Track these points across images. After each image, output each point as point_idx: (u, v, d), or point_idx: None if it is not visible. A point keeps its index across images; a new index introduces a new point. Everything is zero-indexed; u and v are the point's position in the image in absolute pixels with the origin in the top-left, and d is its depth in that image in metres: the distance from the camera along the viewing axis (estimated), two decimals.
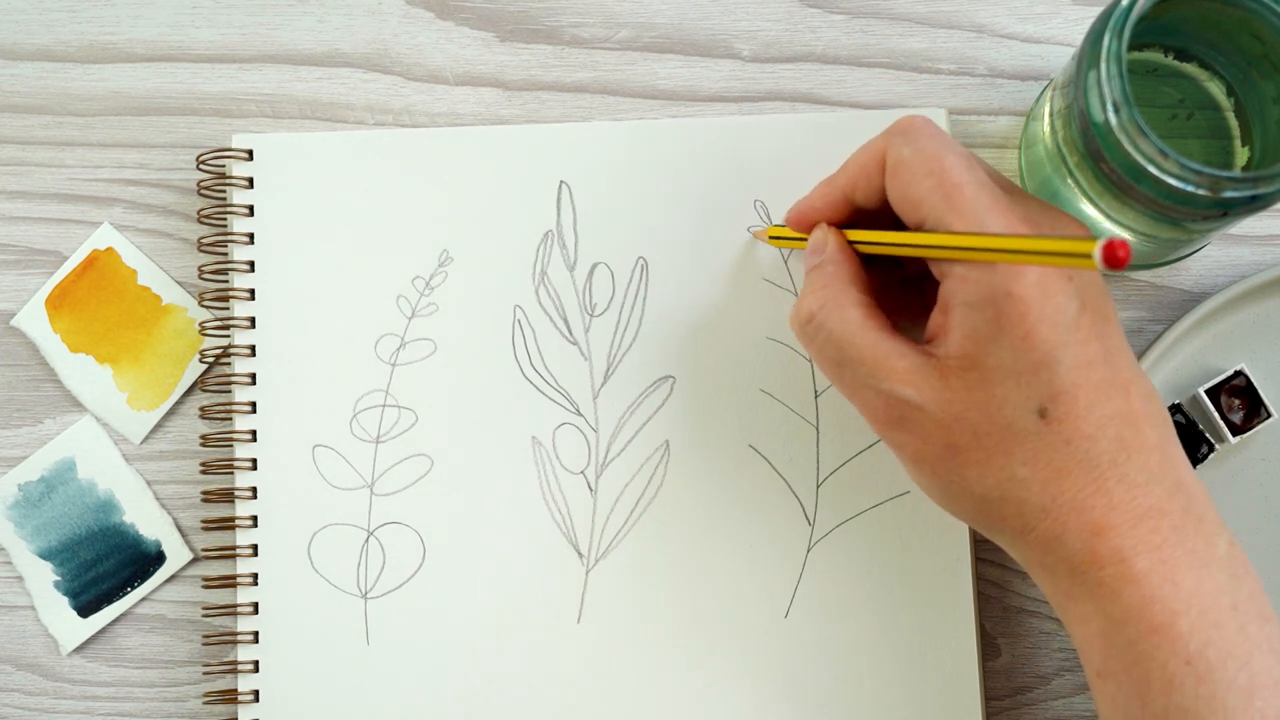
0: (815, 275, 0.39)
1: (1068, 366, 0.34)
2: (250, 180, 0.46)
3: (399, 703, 0.45)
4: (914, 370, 0.35)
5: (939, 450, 0.35)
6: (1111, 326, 0.35)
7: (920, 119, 0.37)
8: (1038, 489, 0.34)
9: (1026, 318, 0.33)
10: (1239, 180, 0.35)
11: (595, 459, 0.45)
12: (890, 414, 0.36)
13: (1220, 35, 0.40)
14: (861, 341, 0.36)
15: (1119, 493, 0.34)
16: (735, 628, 0.45)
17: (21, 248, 0.48)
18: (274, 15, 0.48)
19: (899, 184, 0.36)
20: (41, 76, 0.48)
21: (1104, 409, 0.34)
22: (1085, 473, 0.34)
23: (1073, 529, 0.34)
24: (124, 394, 0.47)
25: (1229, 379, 0.44)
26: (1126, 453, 0.34)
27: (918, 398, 0.35)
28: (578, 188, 0.46)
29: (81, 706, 0.47)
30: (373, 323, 0.46)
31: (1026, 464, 0.34)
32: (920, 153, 0.36)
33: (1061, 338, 0.34)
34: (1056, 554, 0.35)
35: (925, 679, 0.44)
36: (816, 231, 0.40)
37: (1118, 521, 0.34)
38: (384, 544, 0.45)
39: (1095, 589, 0.34)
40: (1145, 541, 0.34)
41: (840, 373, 0.37)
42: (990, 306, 0.34)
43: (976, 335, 0.34)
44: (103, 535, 0.47)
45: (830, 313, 0.37)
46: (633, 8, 0.48)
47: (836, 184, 0.39)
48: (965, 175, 0.35)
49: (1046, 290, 0.33)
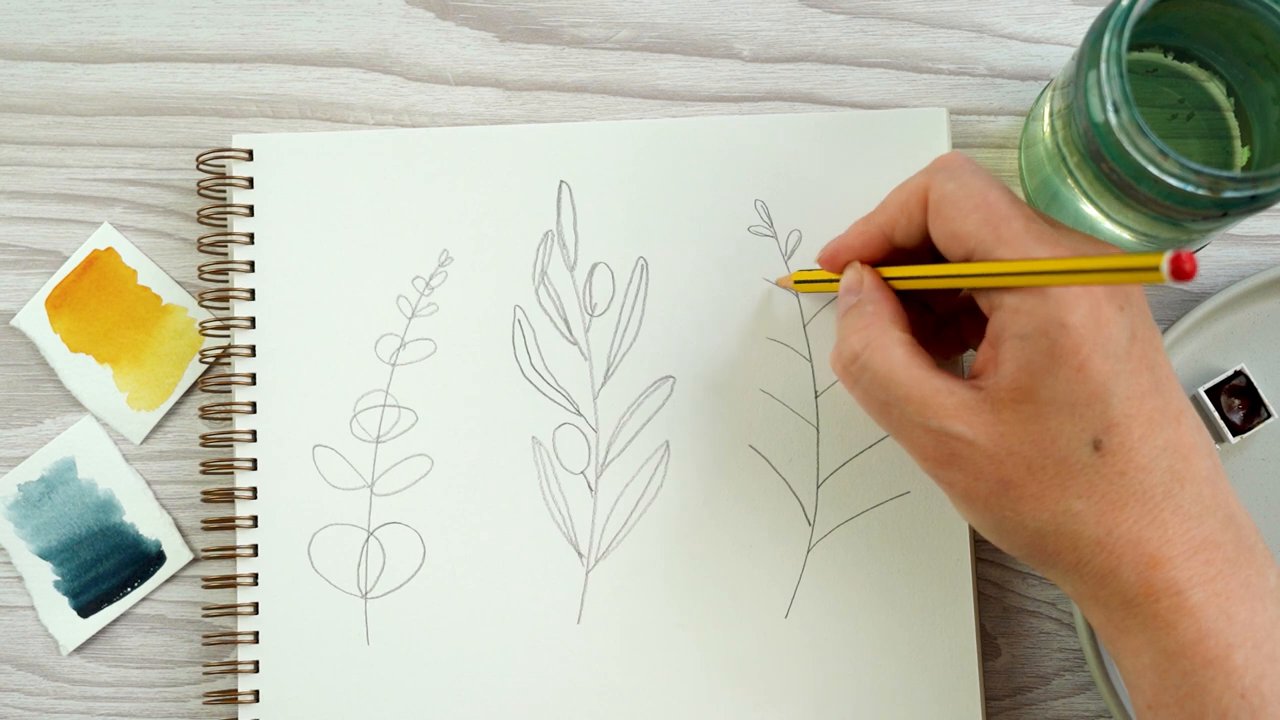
0: (854, 316, 0.38)
1: (1121, 398, 0.33)
2: (250, 180, 0.46)
3: (399, 703, 0.45)
4: (964, 406, 0.35)
5: (992, 486, 0.35)
6: (1161, 357, 0.35)
7: (960, 156, 0.37)
8: (1093, 522, 0.34)
9: (1081, 349, 0.33)
10: (1239, 180, 0.35)
11: (595, 459, 0.45)
12: (941, 451, 0.36)
13: (1220, 35, 0.40)
14: (908, 380, 0.36)
15: (1173, 525, 0.34)
16: (735, 628, 0.45)
17: (21, 248, 0.48)
18: (274, 15, 0.48)
19: (943, 220, 0.36)
20: (41, 76, 0.48)
21: (1157, 440, 0.34)
22: (1140, 505, 0.34)
23: (1128, 562, 0.34)
24: (124, 394, 0.47)
25: (1229, 379, 0.44)
26: (1180, 484, 0.34)
27: (969, 433, 0.35)
28: (578, 188, 0.46)
29: (81, 706, 0.47)
30: (373, 323, 0.46)
31: (1082, 497, 0.34)
32: (965, 187, 0.36)
33: (1115, 368, 0.33)
34: (1110, 587, 0.34)
35: (925, 679, 0.44)
36: (849, 271, 0.40)
37: (1173, 554, 0.34)
38: (384, 544, 0.45)
39: (1149, 622, 0.34)
40: (1200, 574, 0.33)
41: (887, 413, 0.37)
42: (1044, 338, 0.33)
43: (1030, 367, 0.34)
44: (103, 535, 0.47)
45: (874, 353, 0.37)
46: (633, 8, 0.48)
47: (874, 222, 0.39)
48: (1012, 208, 0.35)
49: (1100, 321, 0.33)
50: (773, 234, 0.46)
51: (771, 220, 0.46)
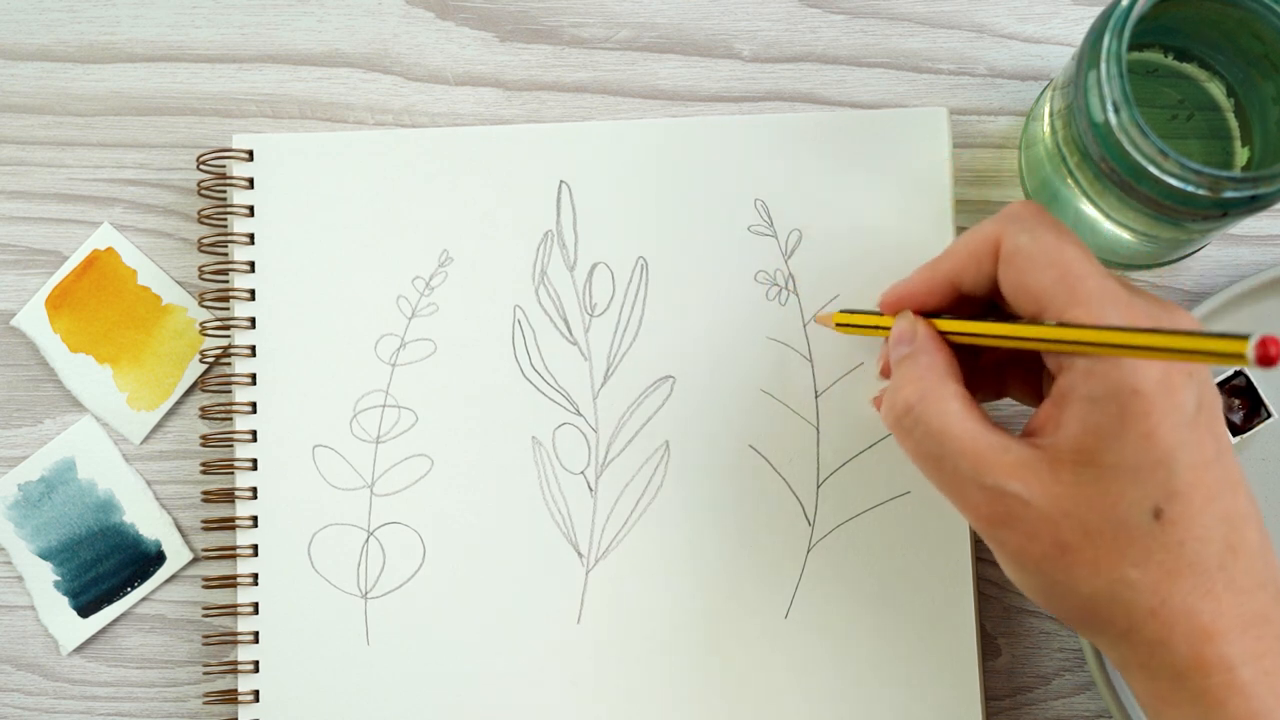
0: (908, 366, 0.37)
1: (1185, 466, 0.33)
2: (250, 180, 0.46)
3: (399, 703, 0.45)
4: (1020, 464, 0.34)
5: (1046, 548, 0.34)
6: (1222, 424, 0.35)
7: (1033, 206, 0.37)
8: (1148, 591, 0.33)
9: (1150, 415, 0.33)
10: (1239, 180, 0.35)
11: (595, 459, 0.45)
12: (994, 510, 0.35)
13: (1220, 35, 0.40)
14: (963, 435, 0.35)
15: (1227, 598, 0.33)
16: (735, 628, 0.45)
17: (21, 248, 0.48)
18: (274, 15, 0.48)
19: (1015, 273, 0.35)
20: (41, 76, 0.48)
21: (1216, 510, 0.33)
22: (1195, 576, 0.33)
23: (1180, 633, 0.33)
24: (124, 394, 0.47)
25: (1229, 379, 0.44)
26: (1234, 556, 0.34)
27: (1025, 492, 0.34)
28: (578, 188, 0.46)
29: (81, 706, 0.47)
30: (373, 323, 0.46)
31: (1138, 565, 0.33)
32: (1038, 242, 0.35)
33: (1182, 437, 0.33)
34: (1160, 658, 0.34)
35: (925, 679, 0.44)
36: (902, 320, 0.39)
37: (1225, 627, 0.33)
38: (384, 544, 0.45)
39: (1199, 697, 0.33)
40: (1251, 650, 0.33)
41: (939, 467, 0.36)
42: (1114, 402, 0.33)
43: (1098, 430, 0.33)
44: (103, 535, 0.47)
45: (929, 406, 0.36)
46: (633, 8, 0.48)
47: (941, 269, 0.38)
48: (1088, 267, 0.34)
49: (1170, 388, 0.33)
50: (773, 234, 0.46)
51: (771, 220, 0.46)
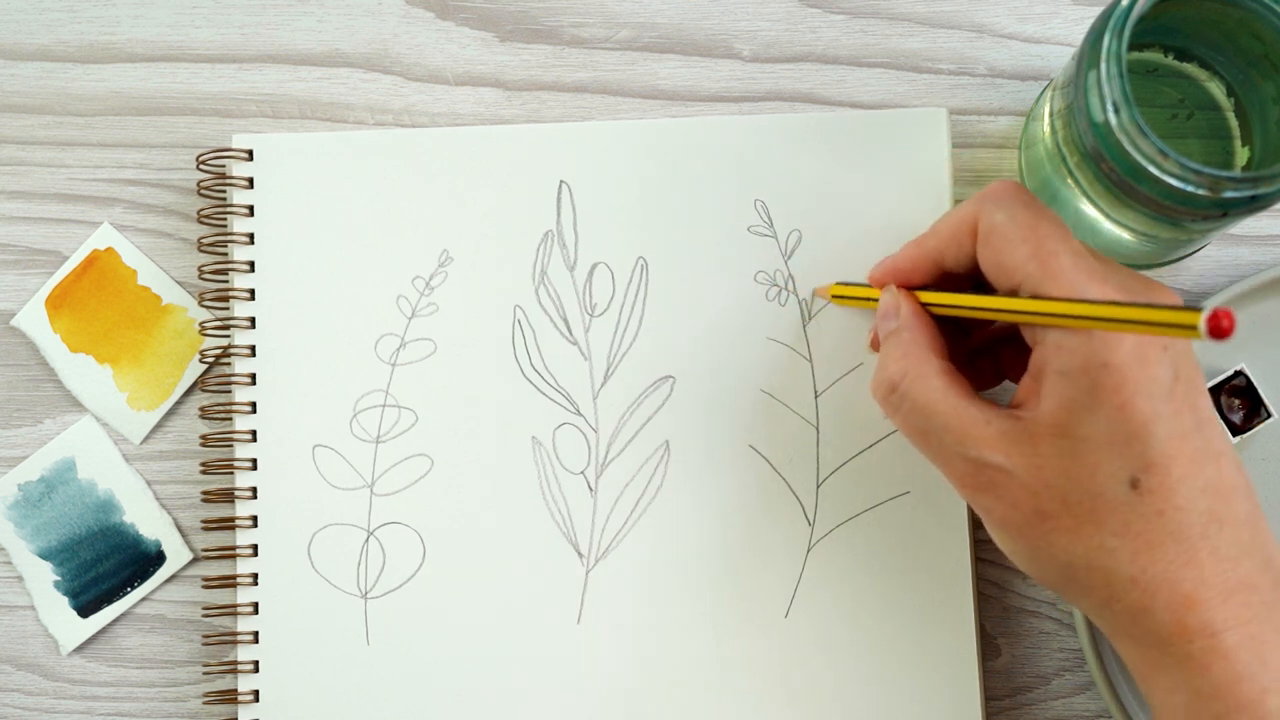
0: (893, 343, 0.38)
1: (1161, 438, 0.33)
2: (250, 180, 0.46)
3: (399, 703, 0.45)
4: (1002, 436, 0.35)
5: (1026, 516, 0.35)
6: (1203, 397, 0.35)
7: (1011, 184, 0.37)
8: (1127, 560, 0.34)
9: (1123, 388, 0.33)
10: (1239, 180, 0.35)
11: (595, 459, 0.45)
12: (978, 480, 0.36)
13: (1220, 35, 0.40)
14: (947, 409, 0.36)
15: (1210, 566, 0.34)
16: (735, 628, 0.45)
17: (21, 248, 0.48)
18: (274, 15, 0.48)
19: (991, 250, 0.36)
20: (41, 76, 0.48)
21: (1197, 481, 0.34)
22: (1176, 545, 0.34)
23: (1162, 601, 0.34)
24: (124, 394, 0.47)
25: (1229, 379, 0.44)
26: (1218, 525, 0.34)
27: (1006, 463, 0.35)
28: (578, 188, 0.46)
29: (81, 706, 0.47)
30: (373, 323, 0.46)
31: (1116, 534, 0.34)
32: (1014, 219, 0.36)
33: (1157, 409, 0.33)
34: (1144, 625, 0.34)
35: (925, 679, 0.44)
36: (886, 294, 0.40)
37: (1208, 595, 0.34)
38: (384, 544, 0.45)
39: (1183, 662, 0.34)
40: (1235, 616, 0.33)
41: (926, 440, 0.37)
42: (1086, 376, 0.33)
43: (1071, 404, 0.34)
44: (103, 535, 0.47)
45: (913, 382, 0.37)
46: (633, 8, 0.48)
47: (926, 246, 0.39)
48: (1061, 243, 0.35)
49: (1143, 360, 0.33)
50: (773, 234, 0.46)
51: (771, 220, 0.46)
